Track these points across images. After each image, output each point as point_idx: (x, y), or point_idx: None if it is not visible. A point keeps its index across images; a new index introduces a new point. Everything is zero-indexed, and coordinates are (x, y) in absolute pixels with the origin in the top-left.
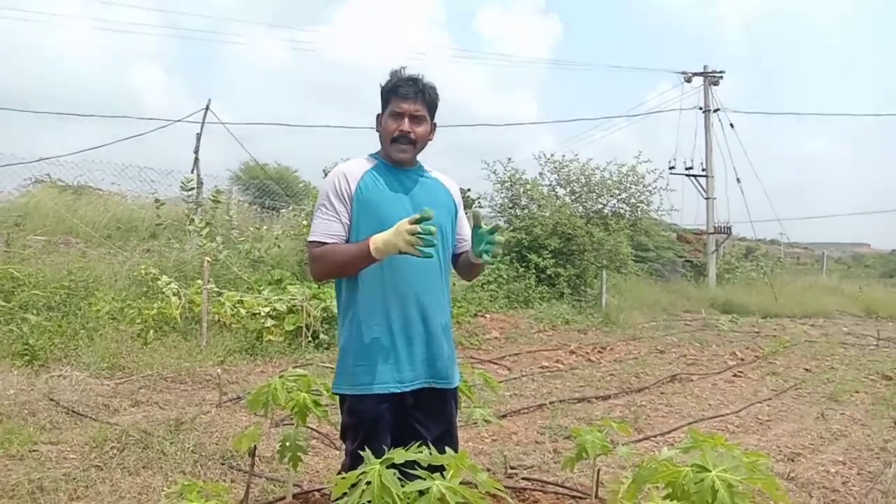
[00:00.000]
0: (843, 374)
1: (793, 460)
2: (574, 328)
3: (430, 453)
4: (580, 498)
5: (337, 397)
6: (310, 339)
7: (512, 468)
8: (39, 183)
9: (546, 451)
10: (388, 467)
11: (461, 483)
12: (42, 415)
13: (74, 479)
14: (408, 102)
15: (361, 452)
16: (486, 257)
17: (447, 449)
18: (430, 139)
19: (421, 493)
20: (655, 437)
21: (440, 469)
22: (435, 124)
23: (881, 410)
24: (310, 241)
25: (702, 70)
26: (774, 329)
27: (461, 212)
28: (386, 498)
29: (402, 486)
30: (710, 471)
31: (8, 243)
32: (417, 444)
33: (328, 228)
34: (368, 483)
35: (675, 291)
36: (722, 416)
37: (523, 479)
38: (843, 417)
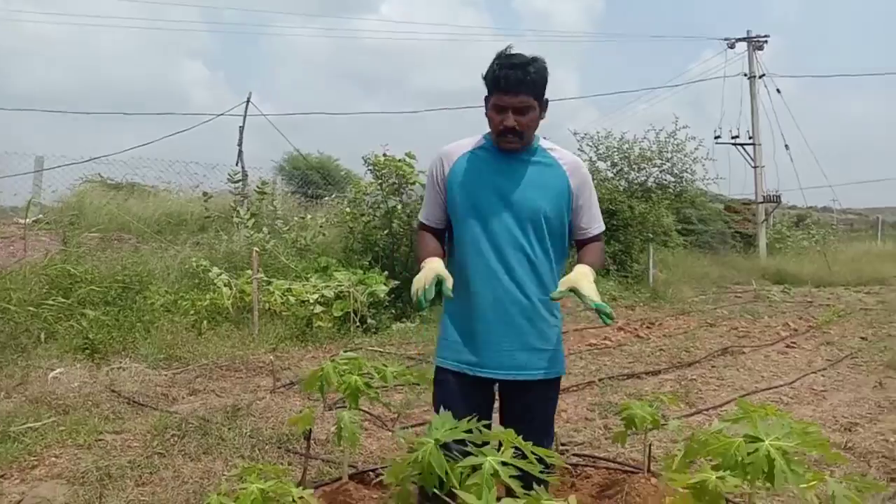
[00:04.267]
0: None
1: (850, 430)
2: (621, 304)
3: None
4: (632, 472)
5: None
6: (358, 323)
7: (563, 445)
8: (90, 182)
9: (597, 428)
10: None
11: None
12: (105, 406)
13: (139, 465)
14: (510, 96)
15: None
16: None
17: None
18: (542, 118)
19: (474, 468)
20: (707, 410)
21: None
22: (546, 101)
23: None
24: (418, 219)
25: (745, 35)
26: (828, 298)
27: (581, 199)
28: (437, 472)
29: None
30: (762, 440)
31: (65, 241)
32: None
33: (428, 211)
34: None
35: (724, 263)
36: (775, 387)
37: (574, 455)
38: None
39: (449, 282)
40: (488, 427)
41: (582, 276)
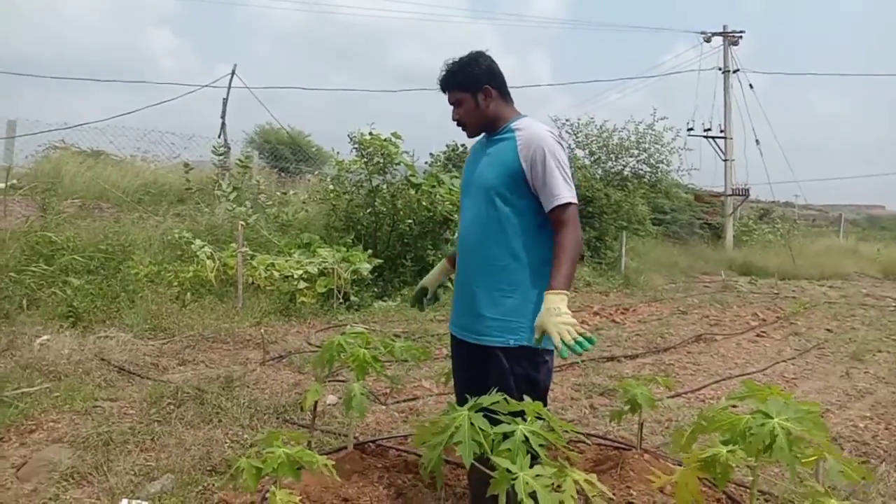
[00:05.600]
0: (865, 334)
1: (822, 416)
2: (596, 290)
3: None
4: (624, 449)
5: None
6: (341, 300)
7: None
8: (55, 148)
9: (583, 407)
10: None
11: None
12: (96, 373)
13: (140, 432)
14: (447, 95)
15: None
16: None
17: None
18: (485, 106)
19: (505, 436)
20: (686, 394)
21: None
22: (485, 89)
23: None
24: None
25: (721, 30)
26: (793, 290)
27: (534, 171)
28: (476, 438)
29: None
30: (772, 418)
31: (44, 208)
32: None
33: None
34: (458, 427)
35: (692, 253)
36: (748, 374)
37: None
38: (867, 376)
39: (431, 290)
40: (472, 384)
41: (546, 316)
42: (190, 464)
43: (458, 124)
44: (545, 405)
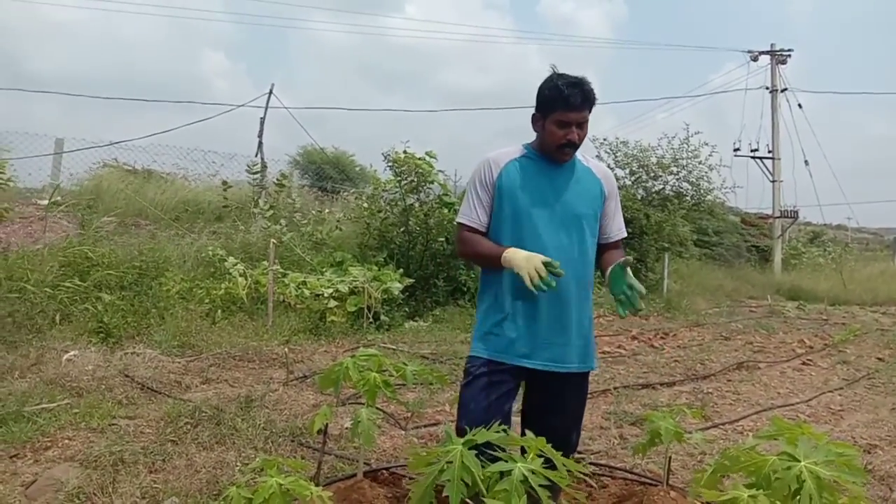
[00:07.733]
0: None
1: (869, 452)
2: None
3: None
4: (650, 485)
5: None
6: (371, 320)
7: (579, 453)
8: (108, 167)
9: (612, 437)
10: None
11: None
12: (118, 390)
13: (152, 452)
14: (575, 112)
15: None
16: (620, 311)
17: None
18: None
19: (502, 474)
20: (724, 425)
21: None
22: None
23: None
24: (458, 222)
25: (769, 48)
26: (844, 316)
27: (610, 206)
28: (466, 478)
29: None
30: (798, 461)
31: (83, 225)
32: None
33: (472, 213)
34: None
35: (738, 277)
36: (792, 405)
37: (591, 464)
38: None
39: (556, 262)
40: (554, 410)
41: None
42: (197, 487)
43: (567, 146)
44: None
